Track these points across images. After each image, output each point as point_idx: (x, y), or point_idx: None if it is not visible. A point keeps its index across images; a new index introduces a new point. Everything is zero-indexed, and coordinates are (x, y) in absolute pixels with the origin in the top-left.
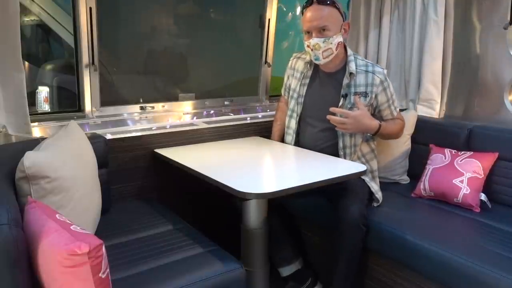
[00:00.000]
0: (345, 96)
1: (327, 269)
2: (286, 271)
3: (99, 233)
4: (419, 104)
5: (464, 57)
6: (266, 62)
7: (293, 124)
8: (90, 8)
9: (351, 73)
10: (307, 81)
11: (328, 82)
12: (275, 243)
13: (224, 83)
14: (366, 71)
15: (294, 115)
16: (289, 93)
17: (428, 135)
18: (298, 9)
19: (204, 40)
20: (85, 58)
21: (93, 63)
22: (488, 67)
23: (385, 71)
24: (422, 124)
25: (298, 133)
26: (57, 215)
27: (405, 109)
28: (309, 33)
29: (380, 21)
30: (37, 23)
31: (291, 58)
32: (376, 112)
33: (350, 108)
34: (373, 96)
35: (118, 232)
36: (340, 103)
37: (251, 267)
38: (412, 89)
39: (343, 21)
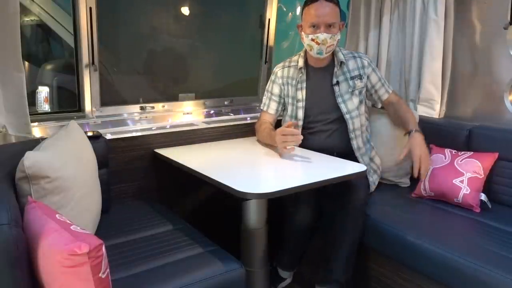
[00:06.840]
0: (337, 83)
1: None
2: (286, 275)
3: (99, 233)
4: (419, 104)
5: (464, 57)
6: (266, 62)
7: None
8: (90, 8)
9: (341, 62)
10: (304, 85)
11: (322, 78)
12: (289, 245)
13: (224, 83)
14: (354, 57)
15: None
16: (283, 103)
17: (428, 135)
18: (298, 9)
19: (204, 40)
20: (85, 58)
21: (93, 63)
22: (488, 67)
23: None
24: (422, 124)
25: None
26: (57, 215)
27: None
28: (314, 27)
29: (380, 21)
30: (37, 23)
31: (278, 69)
32: (373, 93)
33: (352, 92)
34: (366, 77)
35: (118, 232)
36: (336, 92)
37: (251, 267)
38: (412, 89)
39: (340, 20)
